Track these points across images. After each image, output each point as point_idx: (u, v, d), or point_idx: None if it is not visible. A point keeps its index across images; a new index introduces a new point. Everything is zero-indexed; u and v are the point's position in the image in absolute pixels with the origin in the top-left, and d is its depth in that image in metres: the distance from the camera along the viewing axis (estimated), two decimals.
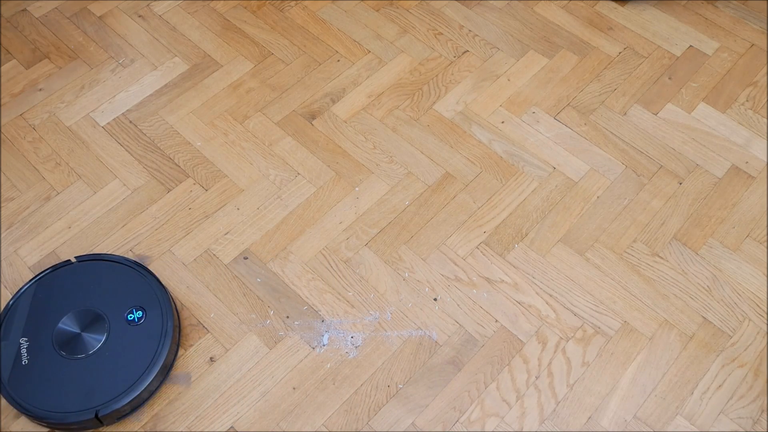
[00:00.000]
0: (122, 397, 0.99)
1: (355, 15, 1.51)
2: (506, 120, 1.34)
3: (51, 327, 1.04)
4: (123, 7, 1.53)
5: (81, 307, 1.06)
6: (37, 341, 1.03)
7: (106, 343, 1.03)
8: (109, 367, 1.01)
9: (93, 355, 1.02)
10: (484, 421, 1.02)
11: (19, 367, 1.01)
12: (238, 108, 1.36)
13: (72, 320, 1.04)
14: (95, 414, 0.97)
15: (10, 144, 1.31)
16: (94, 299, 1.07)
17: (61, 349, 1.02)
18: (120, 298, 1.07)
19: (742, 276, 1.15)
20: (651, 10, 1.51)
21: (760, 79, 1.40)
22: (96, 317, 1.05)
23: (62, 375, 1.00)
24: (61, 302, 1.06)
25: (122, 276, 1.09)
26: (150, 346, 1.02)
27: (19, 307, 1.06)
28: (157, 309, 1.06)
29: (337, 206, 1.23)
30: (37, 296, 1.07)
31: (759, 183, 1.26)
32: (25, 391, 0.99)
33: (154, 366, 1.01)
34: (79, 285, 1.08)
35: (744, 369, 1.07)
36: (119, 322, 1.04)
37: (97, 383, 1.00)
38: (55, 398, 0.98)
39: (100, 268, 1.10)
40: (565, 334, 1.10)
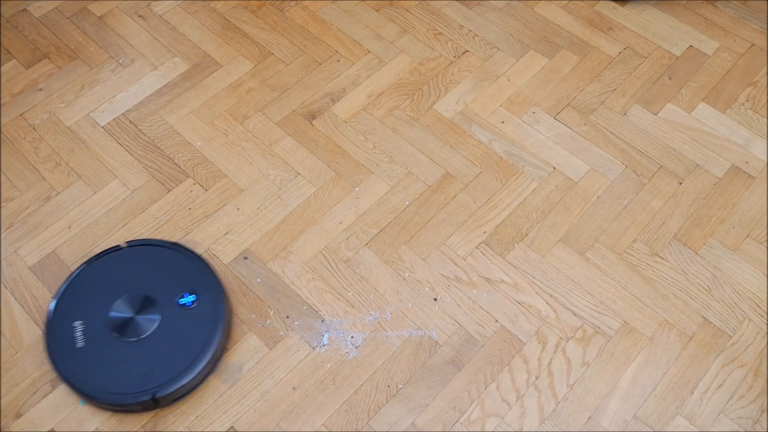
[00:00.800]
0: (178, 379, 1.00)
1: (355, 15, 1.51)
2: (506, 120, 1.34)
3: (104, 310, 1.05)
4: (123, 7, 1.53)
5: (133, 291, 1.07)
6: (91, 324, 1.04)
7: (160, 326, 1.04)
8: (163, 350, 1.02)
9: (147, 338, 1.03)
10: (484, 421, 1.02)
11: (74, 350, 1.02)
12: (238, 108, 1.36)
13: (125, 304, 1.06)
14: (152, 396, 0.98)
15: (10, 144, 1.31)
16: (146, 283, 1.08)
17: (115, 332, 1.03)
18: (172, 282, 1.08)
19: (742, 276, 1.15)
20: (651, 10, 1.51)
21: (760, 79, 1.40)
22: (149, 301, 1.06)
23: (117, 357, 1.02)
24: (113, 286, 1.08)
25: (172, 261, 1.10)
26: (203, 330, 1.04)
27: (72, 292, 1.07)
28: (209, 293, 1.07)
29: (337, 206, 1.23)
30: (89, 281, 1.08)
31: (759, 183, 1.26)
32: (82, 374, 1.00)
33: (208, 349, 1.02)
34: (130, 269, 1.10)
35: (744, 369, 1.07)
36: (172, 306, 1.06)
37: (152, 366, 1.01)
38: (112, 380, 1.00)
39: (150, 253, 1.11)
40: (565, 334, 1.10)
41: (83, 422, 1.02)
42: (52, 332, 1.04)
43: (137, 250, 1.12)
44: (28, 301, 1.13)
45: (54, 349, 1.03)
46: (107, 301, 1.06)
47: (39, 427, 1.02)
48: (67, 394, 1.05)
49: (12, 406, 1.04)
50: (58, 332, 1.04)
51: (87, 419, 1.03)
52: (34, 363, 1.07)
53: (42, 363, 1.07)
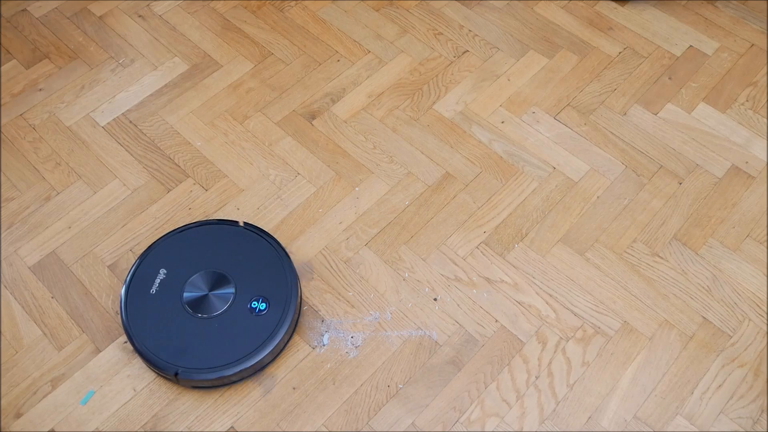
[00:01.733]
0: (206, 372, 1.01)
1: (355, 15, 1.51)
2: (506, 120, 1.34)
3: (190, 272, 1.08)
4: (123, 7, 1.53)
5: (220, 270, 1.09)
6: (171, 279, 1.08)
7: (223, 314, 1.05)
8: (213, 338, 1.03)
9: (205, 319, 1.05)
10: (484, 421, 1.02)
11: (146, 295, 1.07)
12: (238, 108, 1.36)
13: (208, 277, 1.08)
14: (175, 373, 1.00)
15: (10, 144, 1.31)
16: (234, 269, 1.09)
17: (187, 304, 1.06)
18: (254, 280, 1.09)
19: (742, 276, 1.15)
20: (651, 10, 1.51)
21: (760, 79, 1.40)
22: (227, 287, 1.07)
23: (174, 321, 1.04)
24: (207, 255, 1.11)
25: (267, 258, 1.11)
26: (258, 337, 1.03)
27: (174, 241, 1.12)
28: (281, 308, 1.06)
29: (337, 206, 1.23)
30: (191, 240, 1.12)
31: (759, 183, 1.26)
32: (137, 317, 1.05)
33: (251, 359, 1.02)
34: (229, 248, 1.11)
35: (744, 369, 1.07)
36: (242, 305, 1.06)
37: (195, 346, 1.03)
38: (155, 337, 1.03)
39: (254, 242, 1.12)
40: (565, 334, 1.10)
41: (83, 422, 1.02)
42: (140, 267, 1.09)
43: (244, 233, 1.13)
44: (28, 301, 1.13)
45: (132, 286, 1.07)
46: (195, 265, 1.09)
47: (39, 427, 1.02)
48: (67, 394, 1.05)
49: (12, 406, 1.04)
50: (144, 271, 1.08)
51: (87, 419, 1.03)
52: (34, 363, 1.07)
53: (42, 363, 1.07)
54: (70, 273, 1.16)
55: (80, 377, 1.06)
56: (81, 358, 1.08)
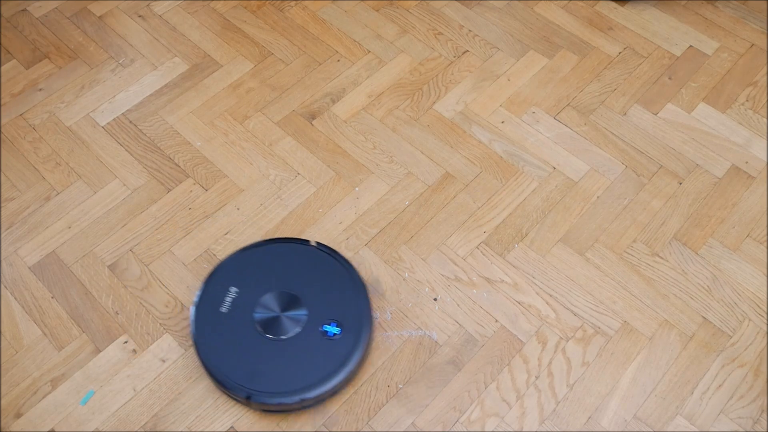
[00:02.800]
0: (278, 396, 0.99)
1: (355, 15, 1.51)
2: (506, 120, 1.34)
3: (259, 292, 1.06)
4: (123, 7, 1.53)
5: (292, 292, 1.07)
6: (242, 298, 1.06)
7: (295, 338, 1.03)
8: (284, 361, 1.01)
9: (277, 341, 1.03)
10: (484, 421, 1.02)
11: (217, 313, 1.04)
12: (238, 108, 1.36)
13: (279, 298, 1.06)
14: (247, 396, 0.98)
15: (10, 144, 1.31)
16: (306, 291, 1.07)
17: (259, 324, 1.04)
18: (328, 303, 1.06)
19: (742, 276, 1.15)
20: (651, 10, 1.51)
21: (760, 79, 1.40)
22: (299, 309, 1.05)
23: (245, 342, 1.02)
24: (278, 274, 1.08)
25: (339, 280, 1.08)
26: (332, 363, 1.01)
27: (244, 259, 1.10)
28: (354, 333, 1.04)
29: (337, 206, 1.23)
30: (260, 259, 1.10)
31: (759, 183, 1.26)
32: (207, 334, 1.03)
33: (357, 352, 1.02)
34: (300, 268, 1.09)
35: (744, 369, 1.07)
36: (315, 328, 1.04)
37: (267, 369, 1.01)
38: (225, 357, 1.01)
39: (327, 263, 1.10)
40: (565, 334, 1.10)
41: (83, 422, 1.02)
42: (209, 285, 1.06)
43: (317, 253, 1.10)
44: (28, 301, 1.13)
45: (201, 305, 1.04)
46: (267, 285, 1.07)
47: (39, 427, 1.02)
48: (67, 394, 1.05)
49: (12, 406, 1.04)
50: (214, 290, 1.06)
51: (87, 419, 1.03)
52: (34, 363, 1.07)
53: (42, 363, 1.07)
54: (70, 273, 1.16)
55: (80, 377, 1.06)
56: (81, 358, 1.08)
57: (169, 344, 1.09)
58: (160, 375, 1.06)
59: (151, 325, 1.11)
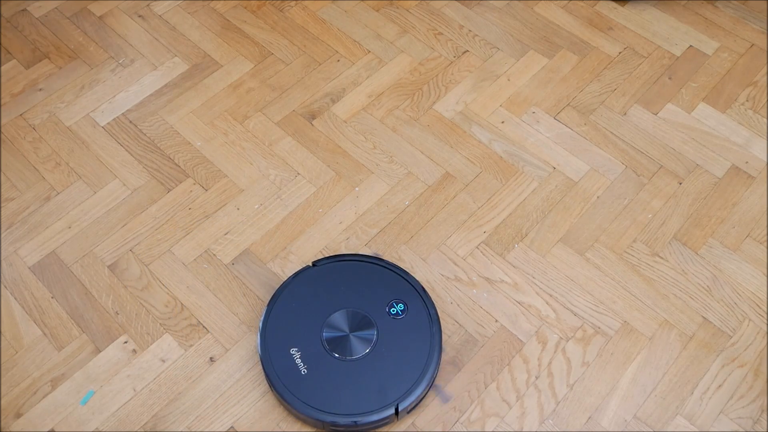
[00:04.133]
0: (415, 388, 0.98)
1: (355, 15, 1.51)
2: (506, 120, 1.34)
3: (316, 333, 1.02)
4: (123, 7, 1.53)
5: (339, 309, 1.04)
6: (307, 349, 1.01)
7: (378, 339, 1.01)
8: (390, 362, 1.00)
9: (370, 354, 1.00)
10: (484, 421, 1.02)
11: (300, 378, 0.99)
12: (238, 108, 1.36)
13: (335, 323, 1.03)
14: (395, 410, 0.96)
15: (10, 144, 1.31)
16: (349, 299, 1.05)
17: (335, 352, 1.00)
18: (373, 294, 1.05)
19: (742, 276, 1.15)
20: (651, 10, 1.51)
21: (760, 79, 1.40)
22: (359, 316, 1.03)
23: (346, 377, 0.99)
24: (316, 307, 1.04)
25: (365, 272, 1.07)
26: (422, 335, 1.01)
27: (274, 321, 1.04)
28: (416, 298, 1.05)
29: (337, 206, 1.23)
30: (289, 306, 1.05)
31: (759, 183, 1.26)
32: (317, 401, 0.97)
33: (433, 353, 1.00)
34: (327, 287, 1.06)
35: (744, 369, 1.07)
36: (383, 317, 1.03)
37: (383, 379, 0.98)
38: (350, 401, 0.97)
39: (340, 269, 1.08)
40: (565, 334, 1.10)
41: (83, 422, 1.02)
42: (272, 364, 1.00)
43: (326, 268, 1.08)
44: (28, 301, 1.13)
45: (279, 382, 0.99)
46: (316, 322, 1.03)
47: (39, 427, 1.02)
48: (67, 394, 1.05)
49: (12, 406, 1.04)
50: (278, 363, 1.00)
51: (87, 419, 1.03)
52: (34, 363, 1.07)
53: (42, 363, 1.07)
54: (70, 273, 1.16)
55: (80, 377, 1.06)
56: (81, 358, 1.08)
57: (169, 344, 1.09)
58: (160, 375, 1.06)
59: (151, 325, 1.11)
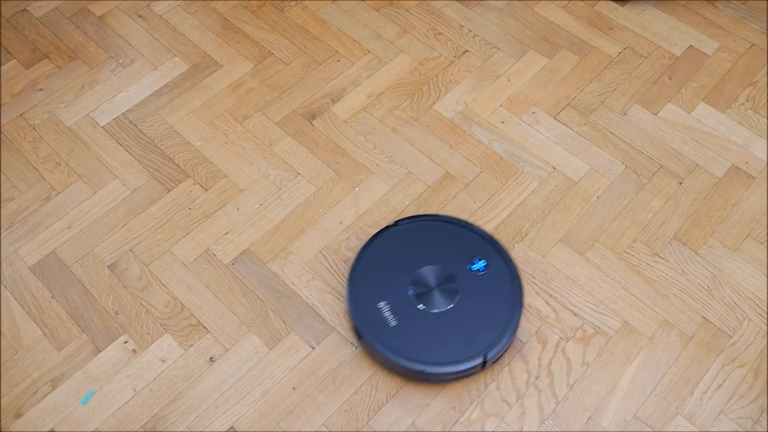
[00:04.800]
0: (501, 338, 1.02)
1: (355, 15, 1.51)
2: (506, 120, 1.34)
3: (403, 288, 1.07)
4: (123, 7, 1.53)
5: (423, 265, 1.09)
6: (395, 303, 1.06)
7: (462, 293, 1.06)
8: (473, 315, 1.04)
9: (455, 307, 1.05)
10: (484, 421, 1.02)
11: (390, 330, 1.04)
12: (238, 108, 1.36)
13: (420, 278, 1.08)
14: (483, 359, 1.01)
15: (10, 144, 1.31)
16: (431, 256, 1.10)
17: (422, 305, 1.05)
18: (455, 251, 1.10)
19: (742, 276, 1.15)
20: (651, 10, 1.51)
21: (760, 79, 1.40)
22: (442, 272, 1.08)
23: (433, 328, 1.04)
24: (400, 264, 1.10)
25: (445, 231, 1.12)
26: (503, 289, 1.07)
27: (360, 278, 1.09)
28: (495, 255, 1.10)
29: (337, 206, 1.23)
30: (374, 263, 1.10)
31: (759, 183, 1.26)
32: (407, 351, 1.02)
33: (516, 306, 1.05)
34: (410, 245, 1.11)
35: (744, 369, 1.07)
36: (465, 273, 1.08)
37: (469, 330, 1.03)
38: (439, 351, 1.02)
39: (421, 228, 1.13)
40: (565, 334, 1.10)
41: (83, 422, 1.02)
42: (361, 317, 1.05)
43: (408, 227, 1.13)
44: (28, 301, 1.13)
45: (370, 333, 1.03)
46: (402, 278, 1.08)
47: (39, 427, 1.02)
48: (67, 394, 1.05)
49: (12, 406, 1.04)
50: (367, 316, 1.05)
51: (87, 419, 1.03)
52: (34, 363, 1.07)
53: (42, 363, 1.07)
54: (70, 273, 1.16)
55: (80, 377, 1.06)
56: (81, 358, 1.08)
57: (169, 344, 1.09)
58: (160, 375, 1.06)
59: (151, 325, 1.11)
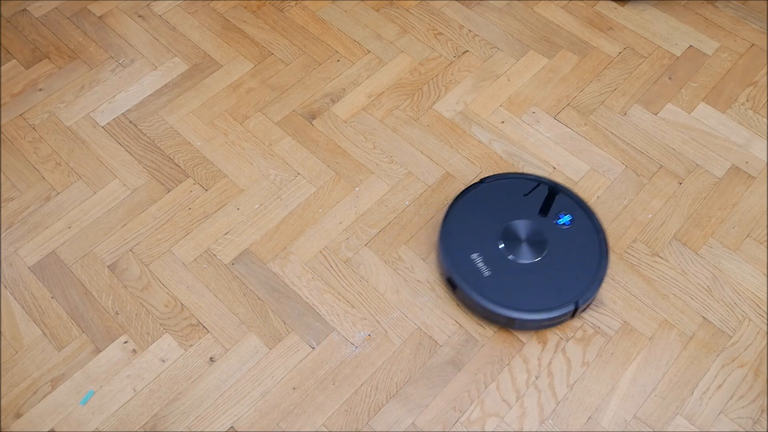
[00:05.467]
0: (590, 288, 1.07)
1: (355, 15, 1.51)
2: (506, 120, 1.34)
3: (494, 241, 1.12)
4: (123, 7, 1.53)
5: (511, 220, 1.14)
6: (487, 255, 1.11)
7: (550, 246, 1.11)
8: (562, 266, 1.09)
9: (544, 258, 1.10)
10: (484, 421, 1.02)
11: (483, 280, 1.08)
12: (238, 108, 1.36)
13: (510, 232, 1.13)
14: (575, 305, 1.05)
15: (10, 144, 1.31)
16: (519, 212, 1.15)
17: (513, 257, 1.10)
18: (540, 207, 1.15)
19: (742, 276, 1.15)
20: (651, 10, 1.51)
21: (760, 79, 1.40)
22: (530, 226, 1.13)
23: (524, 279, 1.08)
24: (489, 219, 1.14)
25: (530, 188, 1.17)
26: (589, 242, 1.11)
27: (451, 232, 1.13)
28: (580, 211, 1.14)
29: (337, 206, 1.23)
30: (464, 218, 1.15)
31: (759, 183, 1.26)
32: (501, 299, 1.06)
33: (603, 257, 1.10)
34: (498, 201, 1.16)
35: (744, 369, 1.07)
36: (551, 227, 1.13)
37: (558, 280, 1.08)
38: (531, 299, 1.06)
39: (507, 185, 1.18)
40: (565, 334, 1.10)
41: (83, 422, 1.02)
42: (456, 268, 1.09)
43: (493, 185, 1.18)
44: (28, 301, 1.13)
45: (465, 283, 1.08)
46: (491, 232, 1.13)
47: (39, 427, 1.02)
48: (67, 394, 1.05)
49: (12, 406, 1.04)
50: (461, 267, 1.09)
51: (87, 419, 1.03)
52: (34, 363, 1.07)
53: (42, 363, 1.07)
54: (70, 273, 1.16)
55: (80, 377, 1.06)
56: (81, 358, 1.08)
57: (169, 344, 1.09)
58: (160, 375, 1.06)
59: (151, 325, 1.11)
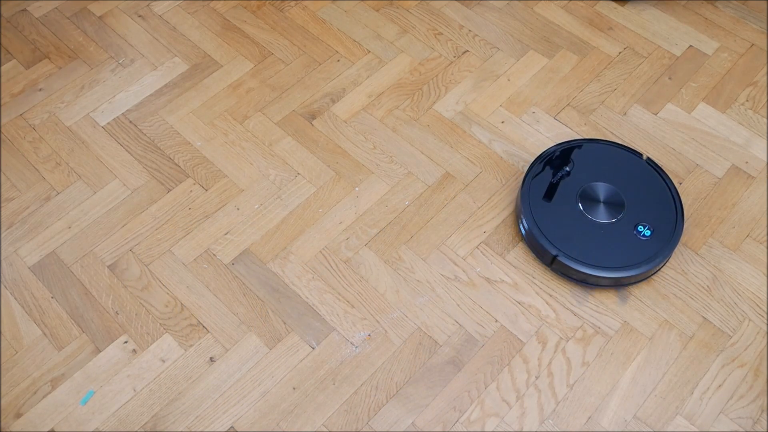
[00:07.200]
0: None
1: (355, 15, 1.51)
2: (506, 120, 1.34)
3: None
4: (123, 7, 1.53)
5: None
6: (572, 177, 1.18)
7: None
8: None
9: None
10: (484, 421, 1.02)
11: (546, 181, 1.17)
12: (238, 108, 1.36)
13: (588, 193, 1.17)
14: (554, 256, 1.11)
15: (10, 144, 1.31)
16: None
17: (593, 217, 1.15)
18: (616, 170, 1.19)
19: (742, 276, 1.15)
20: (651, 10, 1.51)
21: (760, 79, 1.40)
22: (608, 188, 1.17)
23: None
24: (606, 171, 1.19)
25: (660, 196, 1.17)
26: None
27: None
28: (654, 174, 1.19)
29: (337, 206, 1.23)
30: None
31: (759, 183, 1.26)
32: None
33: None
34: (627, 172, 1.20)
35: (744, 369, 1.07)
36: (628, 224, 1.14)
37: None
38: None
39: (651, 178, 1.19)
40: (565, 334, 1.10)
41: (83, 422, 1.02)
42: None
43: (646, 168, 1.20)
44: (28, 301, 1.13)
45: (534, 169, 1.18)
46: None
47: (39, 427, 1.02)
48: (67, 394, 1.05)
49: (12, 406, 1.04)
50: (551, 162, 1.19)
51: (87, 419, 1.03)
52: (34, 363, 1.07)
53: (42, 363, 1.07)
54: (70, 273, 1.16)
55: (80, 377, 1.06)
56: (81, 358, 1.08)
57: (169, 344, 1.09)
58: (160, 375, 1.06)
59: (151, 325, 1.11)
